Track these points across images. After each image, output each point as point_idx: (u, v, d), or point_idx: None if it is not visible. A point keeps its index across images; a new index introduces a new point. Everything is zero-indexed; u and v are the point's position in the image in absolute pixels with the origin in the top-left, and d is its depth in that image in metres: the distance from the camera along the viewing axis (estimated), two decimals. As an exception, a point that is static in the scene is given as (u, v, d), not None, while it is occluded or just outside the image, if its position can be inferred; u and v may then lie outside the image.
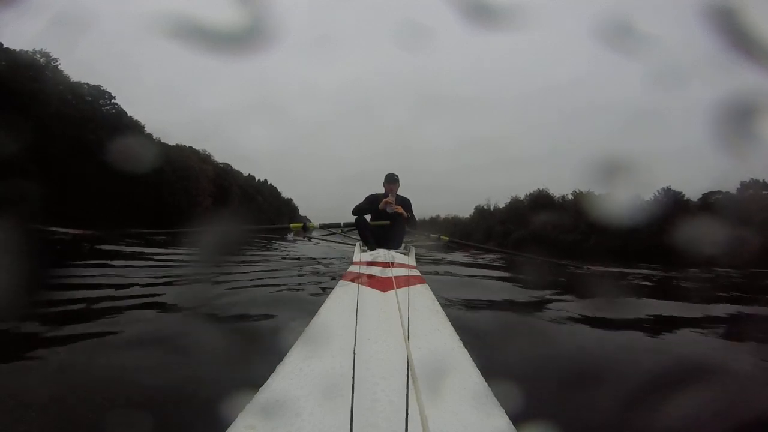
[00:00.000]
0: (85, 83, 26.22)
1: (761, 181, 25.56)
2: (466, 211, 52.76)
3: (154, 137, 30.09)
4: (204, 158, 36.18)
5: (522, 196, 41.53)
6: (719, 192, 26.93)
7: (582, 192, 34.31)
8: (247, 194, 44.29)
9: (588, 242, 25.57)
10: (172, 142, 32.47)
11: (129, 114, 28.67)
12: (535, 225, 33.12)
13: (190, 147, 34.78)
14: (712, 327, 2.28)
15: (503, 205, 44.57)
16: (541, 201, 37.50)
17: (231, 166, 43.22)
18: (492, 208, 46.55)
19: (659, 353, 1.69)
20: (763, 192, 24.48)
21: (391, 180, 3.64)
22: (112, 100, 28.03)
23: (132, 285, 2.47)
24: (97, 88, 27.08)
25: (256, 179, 53.82)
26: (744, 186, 26.25)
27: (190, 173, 30.16)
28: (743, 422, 1.05)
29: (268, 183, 57.41)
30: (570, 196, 36.01)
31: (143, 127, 29.80)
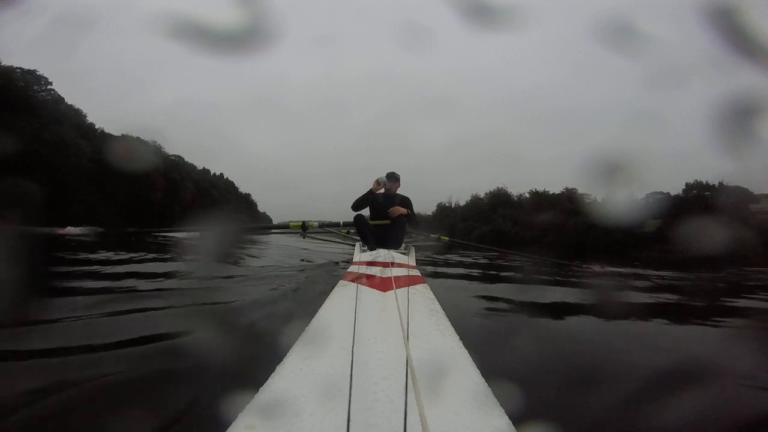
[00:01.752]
0: (18, 68, 23.70)
1: (704, 182, 27.61)
2: (428, 209, 53.50)
3: (96, 127, 27.94)
4: (154, 150, 33.90)
5: (482, 194, 42.79)
6: (660, 192, 29.04)
7: (538, 191, 36.05)
8: (201, 188, 42.01)
9: (546, 238, 26.72)
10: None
11: (69, 102, 26.43)
12: (496, 222, 34.33)
13: (138, 138, 32.53)
14: (714, 324, 2.34)
15: (464, 203, 45.70)
16: (499, 199, 38.83)
17: (183, 159, 40.87)
18: (453, 205, 47.58)
19: (659, 351, 1.75)
20: (706, 193, 26.42)
21: (392, 178, 3.67)
22: (48, 86, 25.65)
23: (127, 286, 2.45)
24: (32, 72, 24.63)
25: (212, 173, 51.45)
26: (689, 187, 28.36)
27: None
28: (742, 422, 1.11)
29: (225, 177, 55.08)
30: (527, 195, 37.63)
31: (85, 115, 27.57)
